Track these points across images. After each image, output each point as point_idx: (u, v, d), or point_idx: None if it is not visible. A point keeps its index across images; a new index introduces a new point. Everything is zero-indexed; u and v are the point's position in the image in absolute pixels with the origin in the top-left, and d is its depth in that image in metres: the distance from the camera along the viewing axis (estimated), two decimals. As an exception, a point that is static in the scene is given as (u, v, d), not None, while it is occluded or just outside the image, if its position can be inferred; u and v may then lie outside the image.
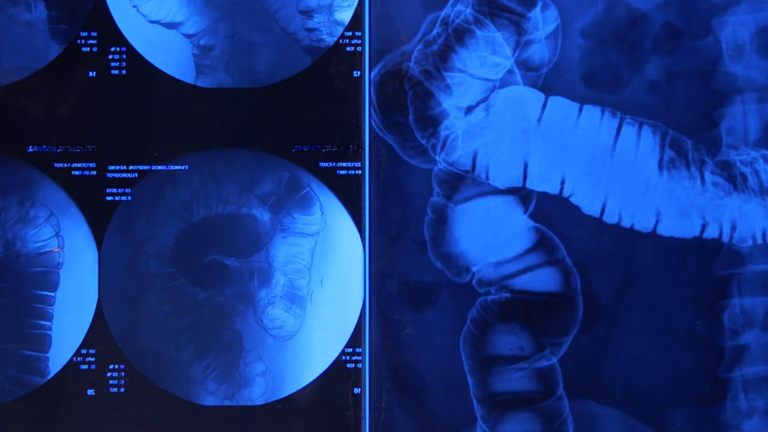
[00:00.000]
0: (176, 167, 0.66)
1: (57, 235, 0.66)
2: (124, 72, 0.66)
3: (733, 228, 0.65)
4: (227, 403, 0.66)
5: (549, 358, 0.65)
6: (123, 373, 0.66)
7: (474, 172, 0.66)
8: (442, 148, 0.66)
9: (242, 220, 0.66)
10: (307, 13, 0.67)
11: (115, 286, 0.66)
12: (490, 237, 0.66)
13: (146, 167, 0.66)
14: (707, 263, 0.65)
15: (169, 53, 0.67)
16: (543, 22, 0.66)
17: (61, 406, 0.66)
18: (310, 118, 0.66)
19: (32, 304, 0.65)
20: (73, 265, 0.66)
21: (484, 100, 0.66)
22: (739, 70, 0.66)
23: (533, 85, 0.66)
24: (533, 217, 0.66)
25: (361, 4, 0.67)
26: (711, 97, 0.66)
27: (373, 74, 0.67)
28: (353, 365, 0.66)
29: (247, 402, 0.66)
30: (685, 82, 0.66)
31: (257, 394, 0.66)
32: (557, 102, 0.66)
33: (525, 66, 0.66)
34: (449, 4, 0.67)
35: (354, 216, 0.66)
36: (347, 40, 0.67)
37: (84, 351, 0.66)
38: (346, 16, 0.67)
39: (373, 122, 0.66)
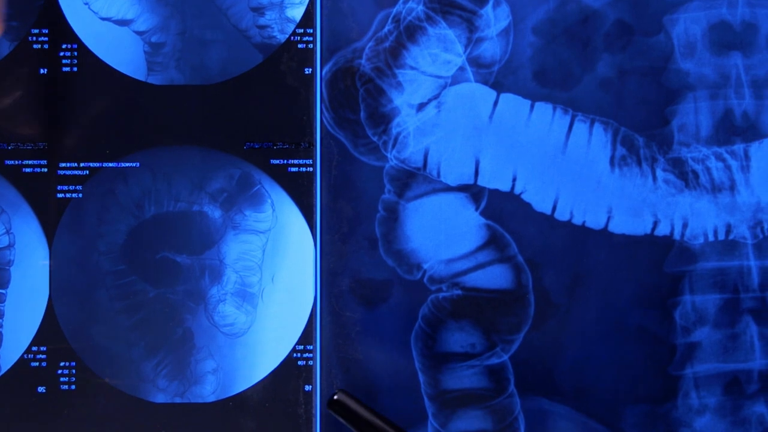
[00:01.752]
0: (127, 164, 0.66)
1: (8, 232, 0.66)
2: (75, 69, 0.66)
3: (685, 225, 0.65)
4: (178, 400, 0.66)
5: (500, 355, 0.65)
6: (74, 371, 0.66)
7: (425, 170, 0.66)
8: (394, 145, 0.66)
9: (193, 218, 0.66)
10: (259, 10, 0.67)
11: (66, 283, 0.66)
12: (441, 234, 0.66)
13: (97, 164, 0.66)
14: (659, 260, 0.65)
15: (120, 50, 0.67)
16: (494, 19, 0.66)
17: (12, 403, 0.65)
18: (262, 115, 0.66)
19: (-18, 302, 0.65)
20: (24, 262, 0.66)
21: (435, 97, 0.66)
22: (691, 68, 0.66)
23: (485, 82, 0.66)
24: (485, 214, 0.66)
25: (312, 2, 0.67)
26: (662, 94, 0.66)
27: (324, 71, 0.67)
28: (304, 362, 0.66)
29: (197, 399, 0.66)
30: (636, 79, 0.66)
31: (208, 392, 0.66)
32: (509, 99, 0.66)
33: (476, 63, 0.66)
34: (401, 1, 0.67)
35: (305, 213, 0.66)
36: (299, 37, 0.67)
37: (35, 348, 0.66)
38: (297, 13, 0.67)
39: (324, 119, 0.66)
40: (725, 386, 0.65)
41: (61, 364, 0.66)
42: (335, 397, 0.58)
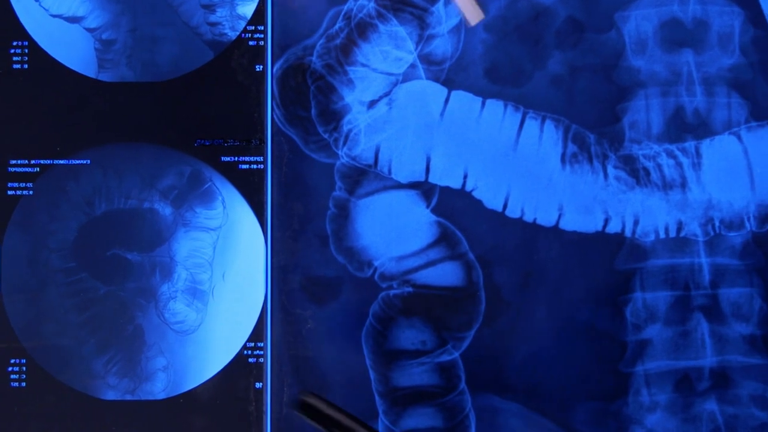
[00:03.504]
0: (78, 162, 0.66)
1: (-42, 229, 0.66)
2: (26, 66, 0.66)
3: (636, 222, 0.65)
4: (129, 397, 0.66)
5: (451, 352, 0.65)
6: (24, 368, 0.66)
7: (376, 167, 0.66)
8: (345, 143, 0.66)
9: (144, 215, 0.66)
10: (210, 8, 0.67)
11: (16, 280, 0.66)
12: (392, 231, 0.66)
13: (48, 161, 0.66)
14: (610, 257, 0.65)
15: (71, 47, 0.67)
16: (446, 16, 0.66)
17: (-38, 400, 0.66)
18: (213, 112, 0.66)
19: (-68, 299, 0.65)
20: (-26, 259, 0.66)
21: (386, 95, 0.66)
22: (642, 65, 0.66)
23: (436, 80, 0.66)
24: (436, 211, 0.66)
25: (263, -2, 0.67)
26: (614, 91, 0.66)
27: (275, 68, 0.67)
28: (255, 360, 0.66)
29: (148, 396, 0.66)
30: (588, 76, 0.66)
31: (159, 389, 0.66)
32: (460, 96, 0.66)
33: (428, 60, 0.66)
34: (352, -2, 0.67)
35: (256, 210, 0.66)
36: (249, 35, 0.67)
37: (-15, 346, 0.66)
38: (248, 10, 0.67)
39: (275, 116, 0.66)
40: (676, 383, 0.65)
41: (12, 361, 0.66)
42: (305, 399, 0.57)
